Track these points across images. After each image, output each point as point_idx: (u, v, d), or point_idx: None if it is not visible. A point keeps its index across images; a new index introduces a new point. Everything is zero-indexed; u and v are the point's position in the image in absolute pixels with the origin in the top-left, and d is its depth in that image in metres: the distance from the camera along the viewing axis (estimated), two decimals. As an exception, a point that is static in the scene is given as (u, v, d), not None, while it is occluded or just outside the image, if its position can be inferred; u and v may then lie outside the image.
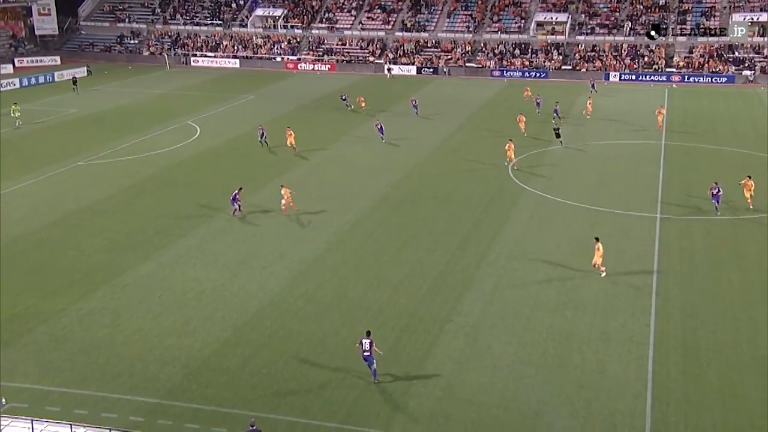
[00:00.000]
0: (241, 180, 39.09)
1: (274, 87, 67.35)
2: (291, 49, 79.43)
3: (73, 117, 54.41)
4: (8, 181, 38.26)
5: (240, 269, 28.15)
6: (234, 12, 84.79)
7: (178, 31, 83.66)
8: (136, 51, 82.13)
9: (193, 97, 62.44)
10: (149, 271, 27.77)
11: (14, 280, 26.99)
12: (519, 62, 73.80)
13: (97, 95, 62.97)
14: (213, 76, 73.08)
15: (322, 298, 25.90)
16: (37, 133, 49.21)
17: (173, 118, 53.48)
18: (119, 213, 34.28)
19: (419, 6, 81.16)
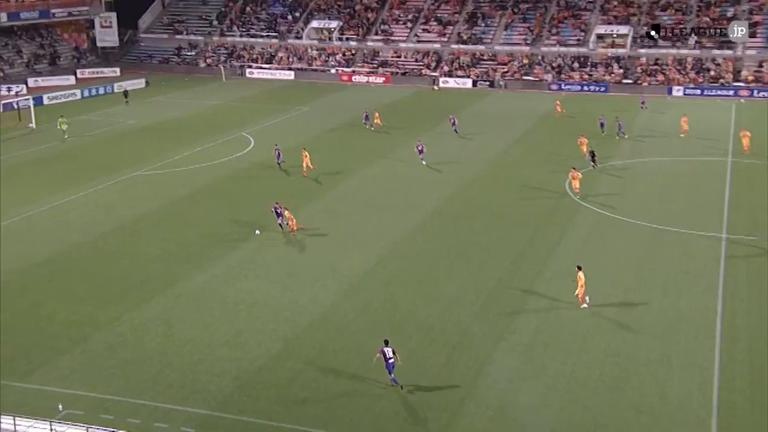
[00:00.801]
0: (293, 191, 39.62)
1: (328, 99, 68.12)
2: (345, 61, 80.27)
3: (131, 128, 56.03)
4: (68, 190, 39.59)
5: (291, 281, 28.45)
6: (289, 24, 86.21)
7: (234, 43, 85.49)
8: (192, 62, 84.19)
9: (248, 108, 63.62)
10: (202, 282, 28.31)
11: (73, 288, 27.85)
12: (578, 76, 72.95)
13: (154, 106, 64.74)
14: (268, 87, 74.34)
15: (373, 313, 25.96)
16: (96, 144, 50.80)
17: (228, 129, 54.55)
18: (173, 223, 35.08)
19: (476, 18, 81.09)
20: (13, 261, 30.20)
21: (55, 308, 26.03)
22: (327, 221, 35.16)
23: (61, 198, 38.33)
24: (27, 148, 48.78)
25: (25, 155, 47.33)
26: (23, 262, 30.03)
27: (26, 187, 40.43)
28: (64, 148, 49.06)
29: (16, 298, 26.93)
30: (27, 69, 76.09)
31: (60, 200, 37.97)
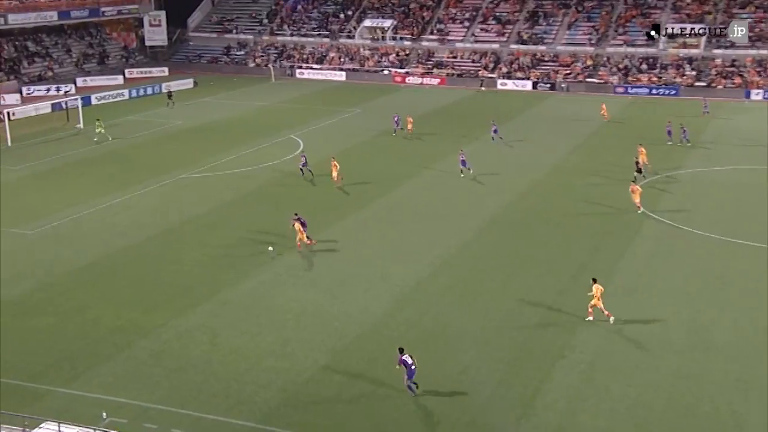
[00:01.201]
0: (341, 198, 39.84)
1: (380, 101, 68.39)
2: (399, 62, 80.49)
3: (179, 129, 57.19)
4: (115, 192, 40.60)
5: (340, 290, 28.58)
6: (342, 23, 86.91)
7: (285, 42, 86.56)
8: (241, 62, 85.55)
9: (298, 110, 64.31)
10: (248, 289, 28.65)
11: (117, 293, 28.50)
12: (646, 78, 71.61)
13: (202, 107, 65.97)
14: (318, 88, 75.06)
15: (425, 325, 25.88)
16: (144, 145, 52.01)
17: (277, 131, 55.21)
18: (220, 228, 35.63)
19: (537, 17, 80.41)
20: (60, 264, 31.08)
21: (100, 313, 26.67)
22: (377, 229, 35.25)
23: (108, 200, 39.32)
24: (74, 149, 50.23)
25: (73, 156, 48.75)
26: (70, 265, 30.87)
27: (73, 189, 41.61)
28: (111, 149, 50.34)
29: (62, 301, 27.70)
30: (76, 68, 78.44)
31: (107, 202, 38.96)
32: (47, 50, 78.48)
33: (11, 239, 33.64)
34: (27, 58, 75.35)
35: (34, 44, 78.26)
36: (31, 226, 35.12)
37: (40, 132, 53.72)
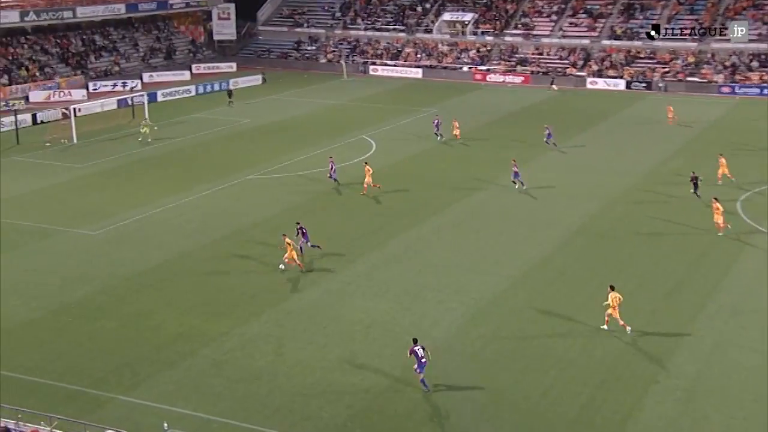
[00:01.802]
0: (416, 203, 39.95)
1: (458, 100, 68.28)
2: (480, 58, 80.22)
3: (246, 127, 58.43)
4: (180, 193, 41.76)
5: (412, 302, 28.65)
6: (419, 16, 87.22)
7: (358, 36, 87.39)
8: (312, 58, 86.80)
9: (370, 108, 64.81)
10: (315, 298, 29.03)
11: (181, 297, 29.31)
12: (756, 77, 69.20)
13: (270, 104, 67.23)
14: (392, 86, 75.47)
15: (503, 342, 25.70)
16: (210, 144, 53.33)
17: (348, 131, 55.76)
18: (288, 232, 36.07)
19: (633, 10, 78.86)
20: (124, 266, 32.16)
21: (162, 319, 27.48)
22: (452, 238, 35.21)
23: (173, 201, 40.47)
24: (140, 147, 51.91)
25: (138, 154, 50.40)
26: (133, 268, 31.92)
27: (138, 188, 43.01)
28: (177, 148, 51.81)
29: (124, 305, 28.66)
30: (143, 63, 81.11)
31: (172, 203, 40.11)
32: (114, 44, 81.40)
33: (76, 240, 35.00)
34: (94, 53, 78.31)
35: (102, 38, 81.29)
36: (96, 227, 36.44)
37: (106, 129, 55.73)
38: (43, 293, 29.37)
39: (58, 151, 50.96)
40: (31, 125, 57.62)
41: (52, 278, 30.64)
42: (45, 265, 32.03)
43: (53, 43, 76.72)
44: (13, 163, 48.21)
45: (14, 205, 39.85)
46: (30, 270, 31.54)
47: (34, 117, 58.75)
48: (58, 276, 30.91)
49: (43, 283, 30.31)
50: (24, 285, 30.11)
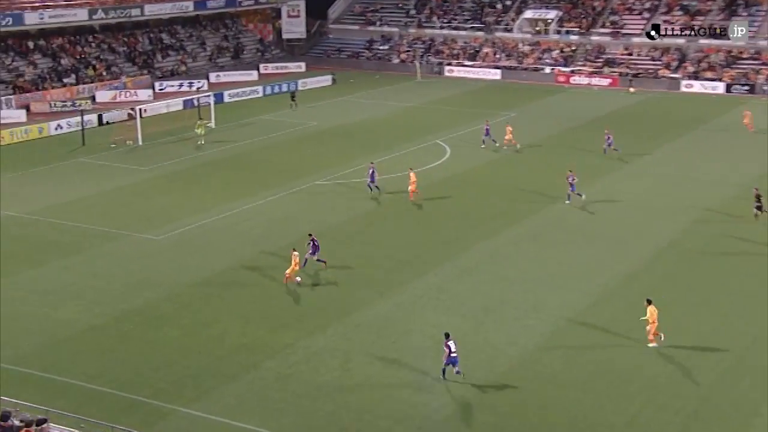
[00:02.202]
0: (491, 212, 39.73)
1: (539, 103, 67.69)
2: (563, 59, 79.34)
3: (314, 130, 59.10)
4: (244, 198, 42.47)
5: (487, 318, 28.49)
6: (498, 14, 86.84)
7: (433, 35, 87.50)
8: (385, 58, 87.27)
9: (445, 112, 64.80)
10: (384, 311, 29.12)
11: (244, 307, 29.79)
12: None
13: (340, 106, 67.86)
14: (469, 88, 75.29)
15: (585, 364, 25.33)
16: (275, 147, 54.11)
17: (421, 135, 55.83)
18: (354, 241, 36.45)
19: (735, 6, 76.73)
20: (187, 273, 32.88)
21: (225, 329, 27.97)
22: (530, 250, 34.91)
23: (238, 206, 41.21)
24: (205, 150, 53.04)
25: (203, 157, 51.49)
26: (196, 275, 32.61)
27: (202, 192, 43.94)
28: (243, 151, 52.74)
29: (186, 314, 29.29)
30: (209, 63, 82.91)
31: (236, 208, 40.84)
32: (181, 43, 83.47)
33: (139, 244, 35.96)
34: (161, 52, 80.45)
35: (169, 36, 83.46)
36: (159, 231, 37.37)
37: (171, 131, 57.11)
38: (106, 299, 30.24)
39: (123, 153, 52.50)
40: (96, 126, 59.45)
41: (115, 283, 31.53)
42: (108, 270, 32.99)
43: (120, 41, 79.14)
44: (78, 165, 49.86)
45: (79, 207, 41.18)
46: (93, 274, 32.53)
47: (100, 117, 60.63)
48: (121, 281, 31.79)
49: (106, 288, 31.22)
50: (87, 290, 31.07)
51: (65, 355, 26.14)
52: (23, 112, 62.41)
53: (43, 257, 34.35)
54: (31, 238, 36.84)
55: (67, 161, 50.59)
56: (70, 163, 50.13)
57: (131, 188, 44.81)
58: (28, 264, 33.57)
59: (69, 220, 38.90)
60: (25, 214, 39.63)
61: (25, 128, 56.90)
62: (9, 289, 31.08)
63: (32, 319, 28.53)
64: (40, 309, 29.37)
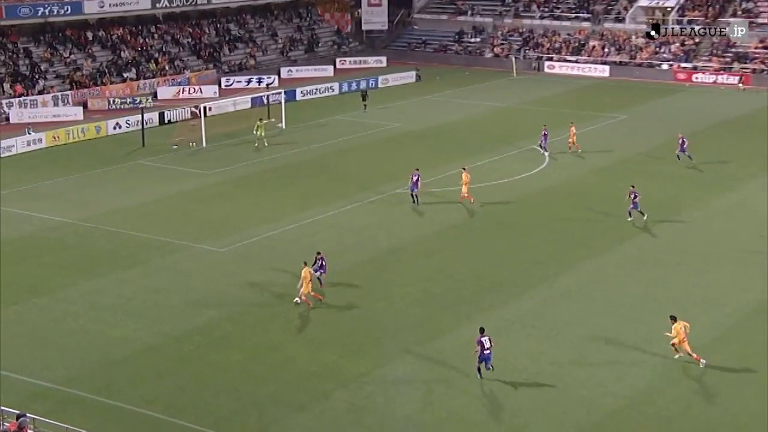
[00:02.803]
0: (598, 228, 39.25)
1: (654, 105, 66.63)
2: (684, 54, 77.86)
3: (396, 133, 59.46)
4: (316, 207, 42.99)
5: (589, 349, 28.17)
6: (608, 3, 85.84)
7: (532, 26, 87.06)
8: (476, 52, 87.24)
9: (544, 113, 64.23)
10: (472, 338, 28.92)
11: (315, 330, 30.14)
12: None
13: (425, 106, 68.10)
14: (572, 86, 74.64)
15: (707, 406, 24.91)
16: (353, 151, 54.65)
17: (516, 140, 55.60)
18: (438, 257, 36.48)
19: None
20: (251, 290, 33.45)
21: (292, 353, 28.36)
22: (640, 271, 34.44)
23: (308, 216, 41.76)
24: (274, 153, 53.95)
25: (272, 161, 52.39)
26: (261, 292, 33.14)
27: (269, 200, 44.70)
28: (315, 155, 53.44)
29: (251, 335, 29.80)
30: (281, 56, 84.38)
31: (306, 219, 41.40)
32: (251, 34, 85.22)
33: (200, 257, 36.79)
34: (228, 44, 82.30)
35: (237, 27, 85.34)
36: (223, 243, 38.16)
37: (238, 131, 58.27)
38: (165, 317, 31.03)
39: (185, 155, 53.84)
40: (157, 125, 61.15)
41: (175, 300, 32.33)
42: (168, 285, 33.85)
43: (185, 32, 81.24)
44: (137, 168, 51.37)
45: (138, 214, 42.39)
46: (152, 289, 33.43)
47: (161, 116, 62.37)
48: (182, 297, 32.57)
49: (165, 304, 32.03)
50: (145, 306, 31.94)
51: (120, 377, 26.89)
52: (80, 109, 64.67)
53: (98, 269, 35.47)
54: (86, 247, 38.09)
55: (125, 163, 52.18)
56: (128, 166, 51.68)
57: (194, 194, 45.91)
58: (83, 276, 34.71)
59: (127, 229, 40.09)
60: (81, 221, 40.98)
61: (82, 127, 58.92)
62: (62, 302, 32.21)
63: (86, 337, 29.47)
64: (95, 326, 30.31)
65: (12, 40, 70.36)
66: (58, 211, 42.47)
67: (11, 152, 53.88)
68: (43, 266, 35.80)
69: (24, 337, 29.45)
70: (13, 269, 35.23)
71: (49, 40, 72.27)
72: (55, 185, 47.57)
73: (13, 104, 63.74)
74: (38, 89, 66.33)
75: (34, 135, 56.02)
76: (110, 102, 67.08)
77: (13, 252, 37.34)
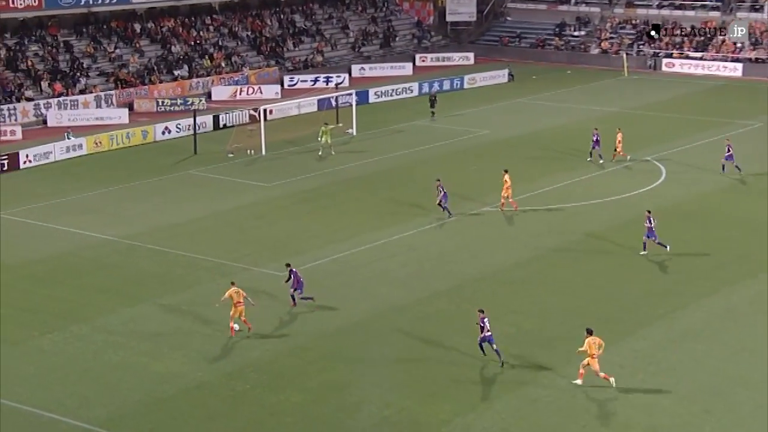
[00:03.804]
0: (725, 258, 38.57)
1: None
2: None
3: (484, 140, 59.38)
4: (391, 226, 43.08)
5: (716, 402, 27.73)
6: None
7: (648, 17, 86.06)
8: (579, 47, 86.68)
9: (661, 120, 63.60)
10: (568, 385, 28.68)
11: (388, 369, 30.11)
12: None
13: (518, 110, 67.90)
14: (696, 88, 73.69)
15: None
16: (433, 161, 54.54)
17: (626, 150, 54.90)
18: (535, 287, 36.26)
19: None
20: (314, 321, 33.64)
21: (361, 396, 28.34)
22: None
23: (381, 236, 41.88)
24: (343, 163, 54.26)
25: (340, 172, 52.67)
26: (327, 323, 33.32)
27: (337, 218, 44.98)
28: (391, 166, 53.62)
29: (313, 373, 29.91)
30: (352, 52, 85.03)
31: (379, 239, 41.53)
32: (318, 27, 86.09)
33: (257, 281, 37.08)
34: (292, 37, 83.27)
35: (303, 18, 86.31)
36: (283, 265, 38.37)
37: (302, 138, 58.83)
38: (217, 350, 31.36)
39: (242, 165, 54.55)
40: (211, 130, 62.15)
41: (227, 330, 32.63)
42: (220, 313, 33.93)
43: (244, 24, 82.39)
44: (189, 178, 52.26)
45: (188, 231, 43.10)
46: (202, 318, 33.80)
47: (216, 119, 63.37)
48: (235, 328, 32.84)
49: (217, 336, 32.37)
50: (194, 337, 32.36)
51: (166, 419, 27.26)
52: (125, 111, 66.13)
53: (143, 293, 36.11)
54: (129, 268, 38.79)
55: (174, 173, 53.14)
56: (178, 176, 52.61)
57: (251, 209, 46.47)
58: (125, 301, 35.36)
59: (175, 248, 40.74)
60: (124, 239, 41.78)
61: (128, 132, 60.21)
62: (101, 331, 32.85)
63: (128, 371, 29.94)
64: (138, 358, 30.81)
65: (51, 33, 72.33)
66: (99, 226, 43.37)
67: (48, 159, 55.32)
68: (80, 289, 36.57)
69: (59, 370, 30.10)
70: (49, 292, 36.09)
71: (92, 32, 74.05)
72: (95, 197, 48.65)
73: (52, 105, 65.42)
74: (79, 88, 67.84)
75: (74, 140, 57.39)
76: (159, 103, 68.39)
77: (48, 273, 38.26)
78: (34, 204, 47.00)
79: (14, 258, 39.65)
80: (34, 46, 70.70)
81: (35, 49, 70.47)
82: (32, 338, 32.20)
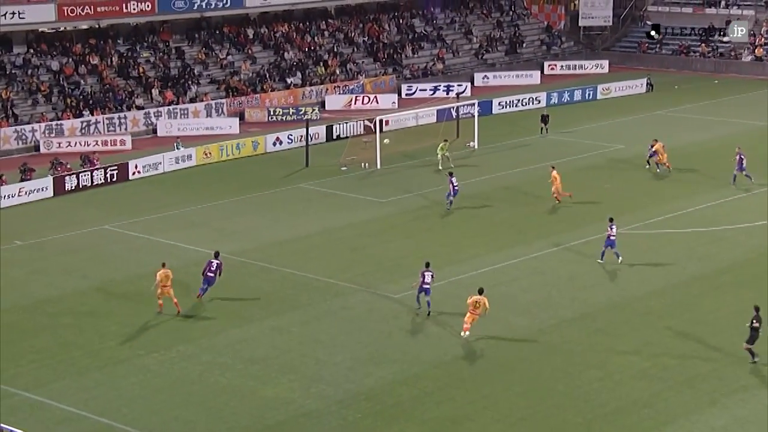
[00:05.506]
0: None
1: None
2: None
3: (619, 156, 58.74)
4: (516, 248, 43.10)
5: None
6: None
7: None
8: (730, 54, 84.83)
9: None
10: (707, 428, 28.15)
11: (511, 402, 29.98)
12: None
13: (657, 122, 66.85)
14: None
15: None
16: (563, 179, 54.04)
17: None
18: (671, 318, 35.72)
19: None
20: (430, 347, 33.67)
21: (481, 429, 28.27)
22: None
23: (501, 259, 41.79)
24: (462, 178, 53.66)
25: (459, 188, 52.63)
26: (443, 352, 33.32)
27: (456, 237, 45.07)
28: (514, 182, 53.47)
29: (430, 405, 29.75)
30: (475, 59, 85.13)
31: (499, 262, 41.45)
32: (439, 32, 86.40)
33: (371, 303, 37.42)
34: (411, 43, 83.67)
35: (423, 23, 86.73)
36: (399, 287, 38.50)
37: (420, 150, 59.08)
38: (327, 375, 31.66)
39: (356, 179, 55.10)
40: (324, 141, 63.01)
41: (340, 355, 33.01)
42: (331, 336, 34.58)
43: (361, 30, 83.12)
44: (299, 193, 53.04)
45: (298, 248, 43.74)
46: (313, 340, 34.27)
47: (329, 130, 64.20)
48: (348, 352, 33.19)
49: (327, 360, 32.71)
50: (303, 362, 32.71)
51: (273, 448, 27.69)
52: (236, 120, 67.67)
53: (249, 313, 36.77)
54: (236, 286, 39.44)
55: (285, 187, 54.02)
56: (288, 190, 53.47)
57: (365, 227, 46.92)
58: (232, 321, 36.06)
59: (285, 266, 41.37)
60: (231, 255, 42.43)
61: (238, 142, 61.51)
62: (208, 352, 33.55)
63: (234, 395, 30.46)
64: (245, 382, 31.33)
65: (163, 39, 74.33)
66: (205, 242, 44.24)
67: (158, 170, 56.91)
68: (186, 307, 37.33)
69: (165, 392, 30.80)
70: (155, 309, 36.87)
71: (204, 38, 75.82)
72: (202, 211, 49.76)
73: (162, 114, 67.28)
74: (190, 96, 69.52)
75: (183, 151, 58.89)
76: (270, 112, 69.61)
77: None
78: (142, 217, 48.36)
79: (121, 273, 40.91)
80: (146, 52, 72.71)
81: (147, 55, 72.48)
82: (138, 357, 33.06)
